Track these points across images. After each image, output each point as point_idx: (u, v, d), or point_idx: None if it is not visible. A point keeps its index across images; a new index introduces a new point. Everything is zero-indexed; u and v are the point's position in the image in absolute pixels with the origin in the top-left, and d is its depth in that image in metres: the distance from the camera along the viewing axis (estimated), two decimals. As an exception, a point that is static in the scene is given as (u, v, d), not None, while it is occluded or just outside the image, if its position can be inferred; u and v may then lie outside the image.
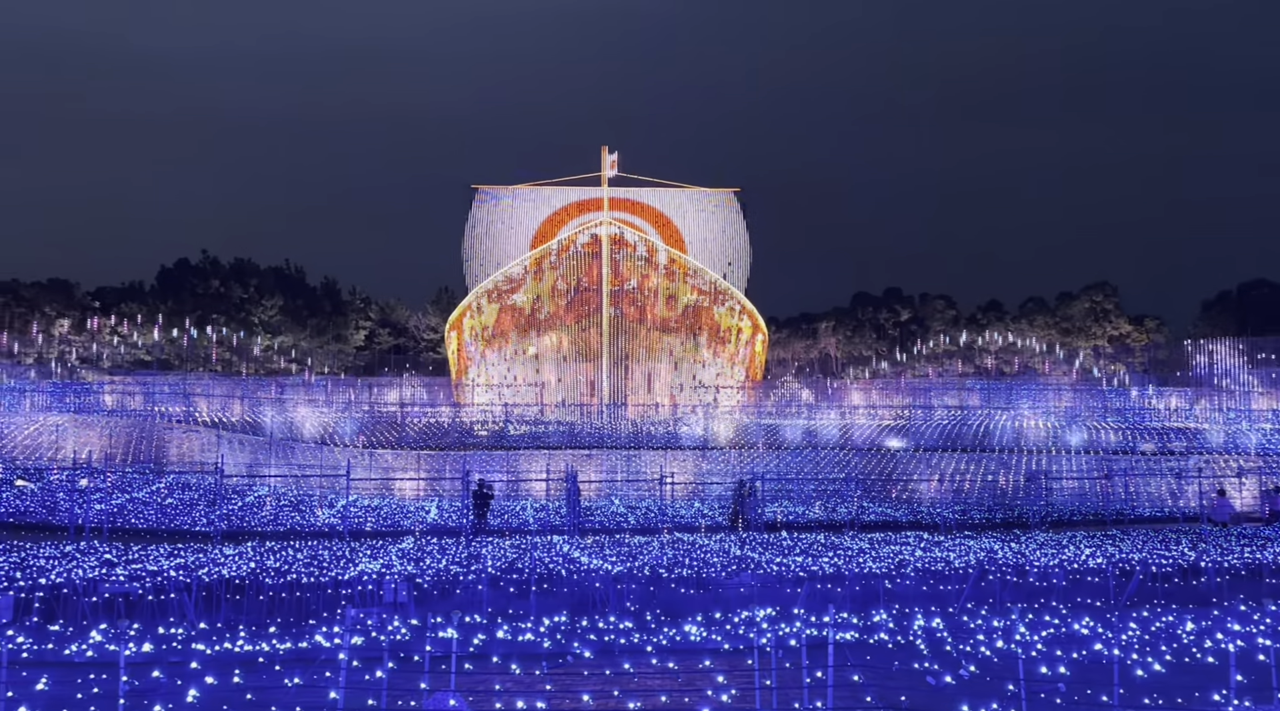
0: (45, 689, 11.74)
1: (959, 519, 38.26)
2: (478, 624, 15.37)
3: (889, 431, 52.94)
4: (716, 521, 38.31)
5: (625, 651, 13.95)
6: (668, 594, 22.14)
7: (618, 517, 39.77)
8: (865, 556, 25.72)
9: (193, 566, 23.80)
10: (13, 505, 36.66)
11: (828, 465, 47.76)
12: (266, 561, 25.27)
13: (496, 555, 27.24)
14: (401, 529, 36.62)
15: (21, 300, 72.52)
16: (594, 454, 51.64)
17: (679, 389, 64.72)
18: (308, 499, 42.56)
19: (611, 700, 12.17)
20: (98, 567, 24.25)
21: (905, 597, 20.97)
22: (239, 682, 12.01)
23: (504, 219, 72.23)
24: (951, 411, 57.60)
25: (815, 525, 36.98)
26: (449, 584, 23.53)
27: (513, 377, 65.65)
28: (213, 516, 35.31)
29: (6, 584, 21.88)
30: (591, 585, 22.48)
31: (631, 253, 66.79)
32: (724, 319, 66.35)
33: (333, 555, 27.06)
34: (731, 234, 72.17)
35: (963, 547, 27.80)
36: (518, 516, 39.99)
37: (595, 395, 64.57)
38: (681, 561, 25.47)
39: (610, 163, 69.12)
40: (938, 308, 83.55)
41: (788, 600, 20.09)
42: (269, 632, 14.69)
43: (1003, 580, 22.39)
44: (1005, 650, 12.84)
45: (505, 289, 67.12)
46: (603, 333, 65.32)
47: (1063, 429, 52.64)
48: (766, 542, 29.44)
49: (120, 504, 37.29)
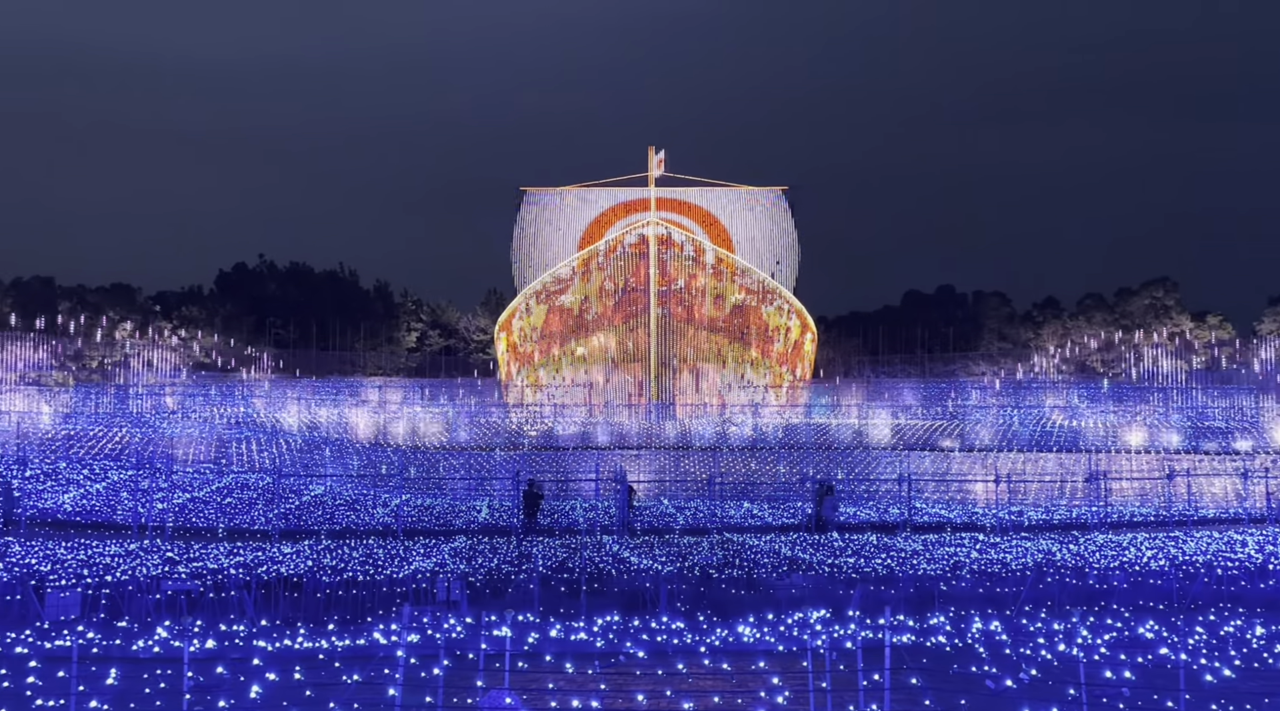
0: (114, 683, 12.09)
1: (1015, 520, 37.53)
2: (531, 623, 15.49)
3: (941, 431, 52.17)
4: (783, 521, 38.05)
5: (678, 652, 13.95)
6: (718, 594, 22.08)
7: (666, 517, 39.74)
8: (919, 558, 25.38)
9: (252, 564, 24.31)
10: (79, 504, 37.76)
11: (878, 465, 47.23)
12: (323, 559, 25.73)
13: (547, 554, 27.40)
14: (454, 528, 36.98)
15: (87, 305, 74.73)
16: (642, 454, 51.68)
17: (727, 389, 64.47)
18: (362, 498, 43.20)
19: (664, 700, 12.17)
20: (161, 565, 24.89)
21: (961, 600, 20.64)
22: (300, 679, 12.24)
23: (552, 220, 72.61)
24: (1007, 410, 56.60)
25: (867, 526, 36.58)
26: (501, 582, 23.75)
27: (561, 379, 66.01)
28: (271, 515, 36.01)
29: (74, 581, 22.56)
30: (642, 585, 22.51)
31: (679, 252, 66.71)
32: (772, 318, 65.94)
33: (387, 553, 27.45)
34: (779, 232, 71.68)
35: (1019, 549, 27.31)
36: (567, 516, 40.16)
37: (643, 395, 64.61)
38: (732, 562, 25.38)
39: (658, 162, 69.10)
40: (992, 305, 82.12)
41: (840, 601, 19.91)
42: (328, 630, 14.96)
43: (1061, 582, 21.94)
44: (1066, 653, 12.59)
45: (553, 290, 67.48)
46: (650, 333, 65.32)
47: (1122, 428, 51.43)
48: (818, 543, 29.21)
49: (182, 503, 38.20)
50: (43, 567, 24.04)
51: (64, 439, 48.30)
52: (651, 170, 69.40)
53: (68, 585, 22.09)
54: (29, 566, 24.01)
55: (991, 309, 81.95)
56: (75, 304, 74.38)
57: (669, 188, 70.97)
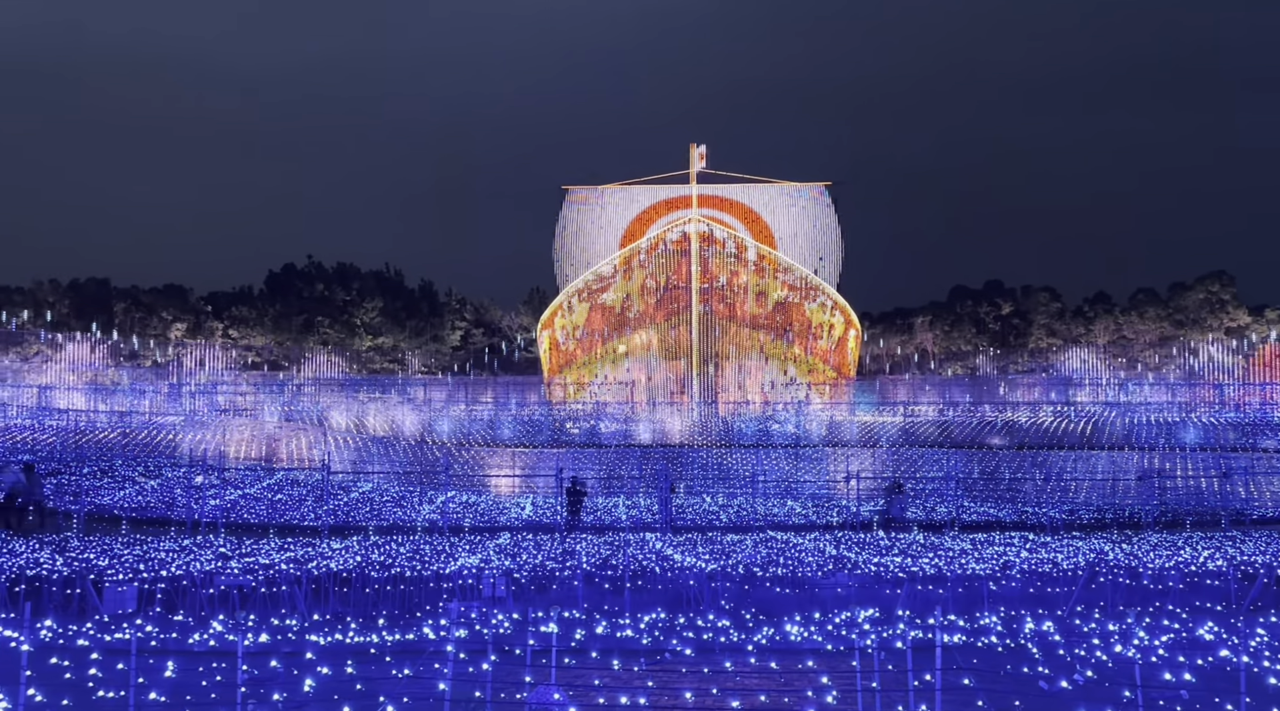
0: (172, 676, 12.38)
1: (1066, 519, 36.87)
2: (576, 619, 15.57)
3: (990, 428, 51.43)
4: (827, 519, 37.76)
5: (725, 650, 13.93)
6: (762, 592, 21.98)
7: (709, 515, 39.66)
8: (968, 557, 25.03)
9: (302, 560, 24.69)
10: (134, 501, 38.66)
11: (925, 463, 46.67)
12: (371, 555, 26.06)
13: (590, 551, 27.48)
14: (498, 525, 37.26)
15: (140, 305, 76.56)
16: (684, 451, 51.64)
17: (770, 386, 64.17)
18: (409, 495, 43.71)
19: (710, 698, 12.15)
20: (214, 561, 25.40)
21: (1011, 600, 20.33)
22: (352, 672, 12.43)
23: (593, 218, 72.86)
24: (1057, 407, 55.62)
25: (913, 524, 36.19)
26: (545, 579, 23.87)
27: (603, 376, 66.21)
28: (320, 511, 36.58)
29: (131, 575, 23.11)
30: (685, 582, 22.49)
31: (720, 249, 66.54)
32: (815, 315, 65.51)
33: (433, 550, 27.73)
34: (823, 228, 71.18)
35: (1071, 548, 26.80)
36: (610, 513, 40.25)
37: (685, 393, 64.57)
38: (775, 560, 25.24)
39: (699, 156, 68.98)
40: (1041, 300, 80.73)
41: (887, 601, 19.71)
42: (378, 625, 15.18)
43: (1114, 582, 21.50)
44: (1121, 655, 12.34)
45: (595, 288, 67.69)
46: (693, 330, 65.26)
47: (1177, 425, 50.28)
48: (863, 543, 28.96)
49: (234, 499, 38.96)
50: (100, 562, 24.64)
51: (120, 437, 49.53)
52: (693, 167, 69.33)
53: (124, 580, 22.63)
54: (87, 561, 24.63)
55: (1041, 304, 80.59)
56: (130, 304, 76.24)
57: (710, 184, 70.86)
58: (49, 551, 25.87)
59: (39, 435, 49.24)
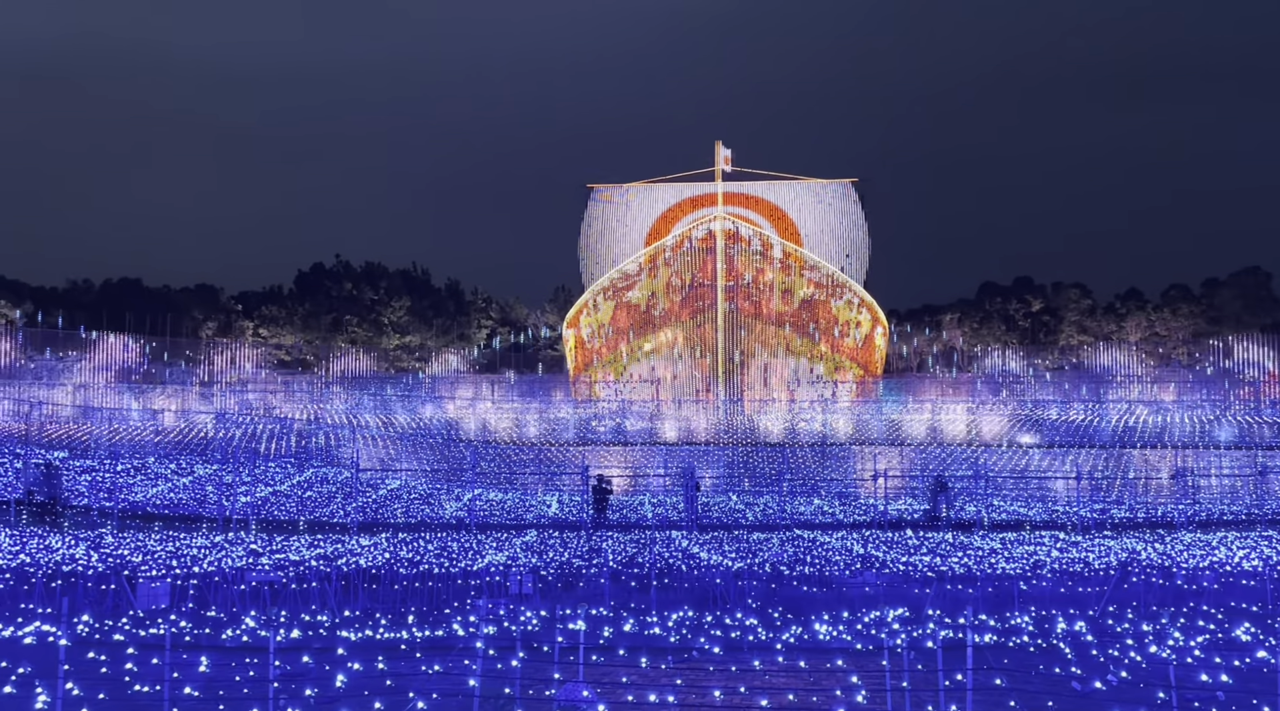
0: (206, 670, 12.52)
1: (1097, 518, 36.42)
2: (604, 617, 15.58)
3: (1020, 426, 50.89)
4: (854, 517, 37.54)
5: (753, 648, 13.88)
6: (789, 591, 21.90)
7: (735, 513, 39.58)
8: (997, 556, 24.82)
9: (332, 556, 24.91)
10: (167, 498, 39.19)
11: (954, 462, 46.26)
12: (400, 552, 26.25)
13: (616, 549, 27.51)
14: (524, 522, 37.40)
15: (172, 305, 77.50)
16: (710, 449, 51.53)
17: (796, 384, 63.93)
18: (436, 492, 43.97)
19: (738, 696, 12.12)
20: (245, 557, 25.69)
21: (1041, 599, 20.13)
22: (383, 668, 12.52)
23: (619, 217, 72.83)
24: (1088, 404, 54.91)
25: (943, 523, 35.90)
26: (572, 577, 23.94)
27: (628, 374, 66.25)
28: (349, 508, 36.89)
29: (164, 571, 23.41)
30: (712, 580, 22.45)
31: (746, 247, 66.35)
32: (842, 312, 65.15)
33: (461, 547, 27.88)
34: (849, 225, 70.71)
35: (1102, 548, 26.50)
36: (635, 511, 40.27)
37: (710, 391, 64.47)
38: (802, 558, 25.15)
39: (724, 157, 68.80)
40: (1072, 297, 79.70)
41: (915, 600, 19.57)
42: (408, 621, 15.28)
43: (1147, 582, 21.22)
44: (1156, 655, 12.15)
45: (621, 286, 67.72)
46: (718, 328, 65.12)
47: (1211, 423, 49.49)
48: (891, 541, 28.77)
49: (264, 496, 39.38)
50: (134, 558, 24.99)
51: (152, 434, 50.19)
52: (718, 165, 69.12)
53: (158, 575, 22.93)
54: (121, 557, 24.98)
55: (1071, 300, 79.56)
56: (162, 304, 77.19)
57: (736, 182, 70.61)
58: (84, 547, 26.27)
59: (74, 432, 50.02)
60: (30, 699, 11.41)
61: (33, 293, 76.15)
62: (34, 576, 22.87)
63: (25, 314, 72.78)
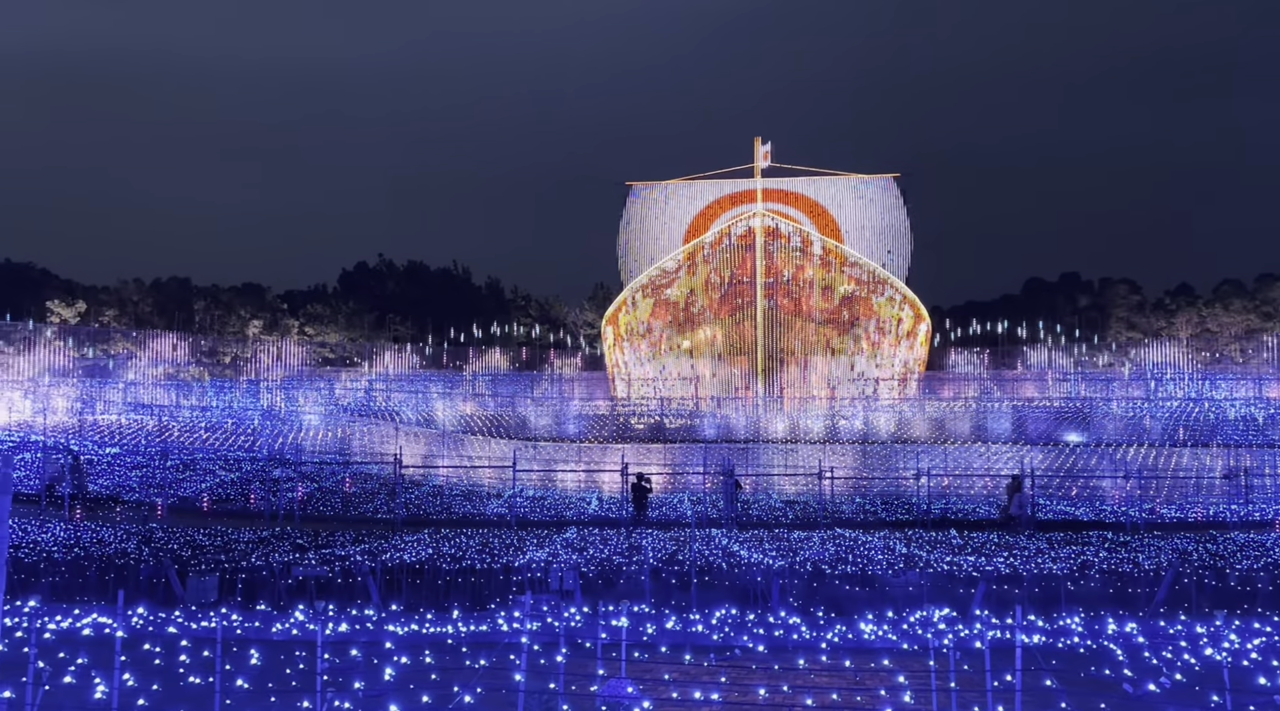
0: (257, 663, 12.77)
1: (1147, 518, 35.72)
2: (647, 614, 15.61)
3: (1067, 424, 50.05)
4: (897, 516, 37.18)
5: (797, 647, 13.84)
6: (831, 590, 21.77)
7: (775, 512, 39.40)
8: (1044, 556, 24.46)
9: (376, 551, 25.24)
10: (215, 493, 39.94)
11: (999, 460, 45.63)
12: (442, 548, 26.50)
13: (656, 547, 27.53)
14: (564, 519, 37.57)
15: (219, 303, 78.97)
16: (750, 447, 51.34)
17: (837, 381, 63.46)
18: (477, 489, 44.33)
19: (781, 695, 12.08)
20: (291, 552, 26.10)
21: (1089, 600, 19.81)
22: (430, 662, 12.68)
23: (657, 214, 72.84)
24: (1137, 402, 53.85)
25: (987, 523, 35.43)
26: (612, 573, 24.01)
27: (667, 372, 66.22)
28: (392, 505, 37.32)
29: (213, 566, 23.88)
30: (753, 579, 22.39)
31: (786, 244, 65.99)
32: (883, 309, 64.54)
33: (502, 543, 28.09)
34: (891, 221, 70.02)
35: (1152, 548, 25.99)
36: (675, 509, 40.26)
37: (750, 389, 64.23)
38: (844, 557, 24.97)
39: (764, 153, 68.48)
40: (1120, 292, 78.28)
41: (959, 600, 19.36)
42: (453, 616, 15.45)
43: (1199, 583, 20.79)
44: (1210, 658, 11.90)
45: (659, 283, 67.70)
46: (757, 325, 64.86)
47: (1265, 421, 48.31)
48: (934, 541, 28.46)
49: (309, 492, 39.99)
50: (184, 553, 25.51)
51: (201, 431, 51.19)
52: (757, 161, 68.84)
53: (206, 570, 23.40)
54: (171, 551, 25.51)
55: (1120, 296, 78.16)
56: (209, 302, 78.70)
57: (775, 178, 70.27)
58: (135, 542, 26.88)
59: (124, 430, 51.18)
60: (88, 689, 11.71)
61: (85, 291, 78.04)
62: (88, 569, 23.46)
63: (78, 312, 74.65)
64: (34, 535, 26.84)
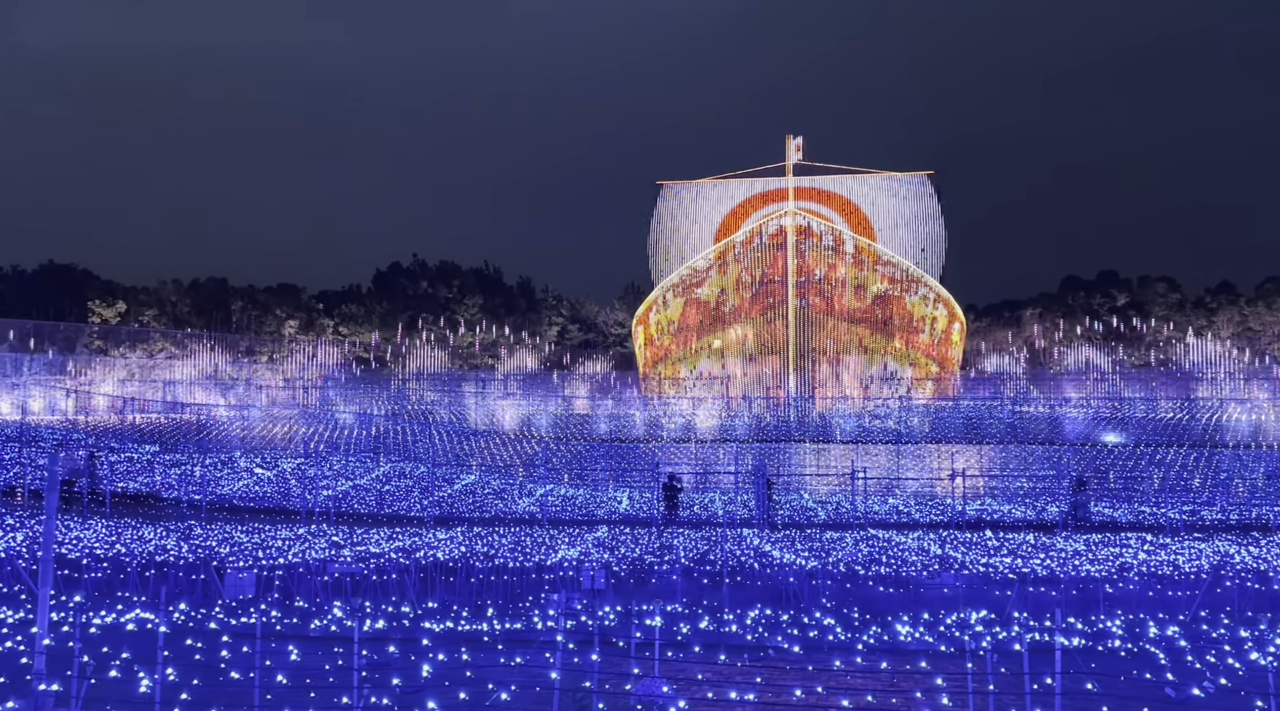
0: (297, 659, 12.93)
1: (1187, 520, 35.11)
2: (680, 613, 15.62)
3: (1105, 424, 49.32)
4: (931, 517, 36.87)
5: (832, 648, 13.76)
6: (865, 591, 21.62)
7: (807, 512, 39.21)
8: (1081, 558, 24.13)
9: (410, 549, 25.44)
10: (252, 491, 40.48)
11: (1035, 460, 45.08)
12: (475, 546, 26.67)
13: (688, 546, 27.50)
14: (595, 518, 37.64)
15: (256, 303, 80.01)
16: (781, 447, 51.15)
17: (869, 381, 63.04)
18: (509, 488, 44.56)
19: (815, 696, 12.02)
20: (327, 549, 26.39)
21: (1128, 603, 19.50)
22: (466, 659, 12.76)
23: (689, 213, 72.78)
24: (1177, 402, 52.94)
25: (1023, 524, 35.01)
26: (644, 573, 24.02)
27: (697, 371, 66.16)
28: (425, 503, 37.60)
29: (250, 562, 24.19)
30: (785, 579, 22.29)
31: (817, 242, 65.67)
32: (917, 307, 64.03)
33: (534, 542, 28.21)
34: (925, 218, 69.42)
35: (1193, 551, 25.55)
36: (706, 508, 40.19)
37: (781, 388, 63.99)
38: (878, 558, 24.80)
39: (795, 147, 68.17)
40: (1159, 291, 77.00)
41: (995, 602, 19.14)
42: (487, 614, 15.55)
43: (1241, 586, 20.39)
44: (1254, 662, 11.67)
45: (690, 282, 67.66)
46: (789, 324, 64.59)
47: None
48: (969, 543, 28.17)
49: (344, 490, 40.42)
50: (222, 550, 25.86)
51: (239, 429, 51.90)
52: (789, 159, 68.56)
53: (244, 566, 23.70)
54: (210, 548, 25.88)
55: (1158, 295, 76.89)
56: (246, 303, 79.75)
57: (808, 177, 69.94)
58: (174, 538, 27.30)
59: (163, 426, 52.01)
60: (132, 683, 11.91)
61: (125, 292, 79.40)
62: (129, 565, 23.86)
63: (119, 312, 76.00)
64: (75, 531, 27.36)
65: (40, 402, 57.27)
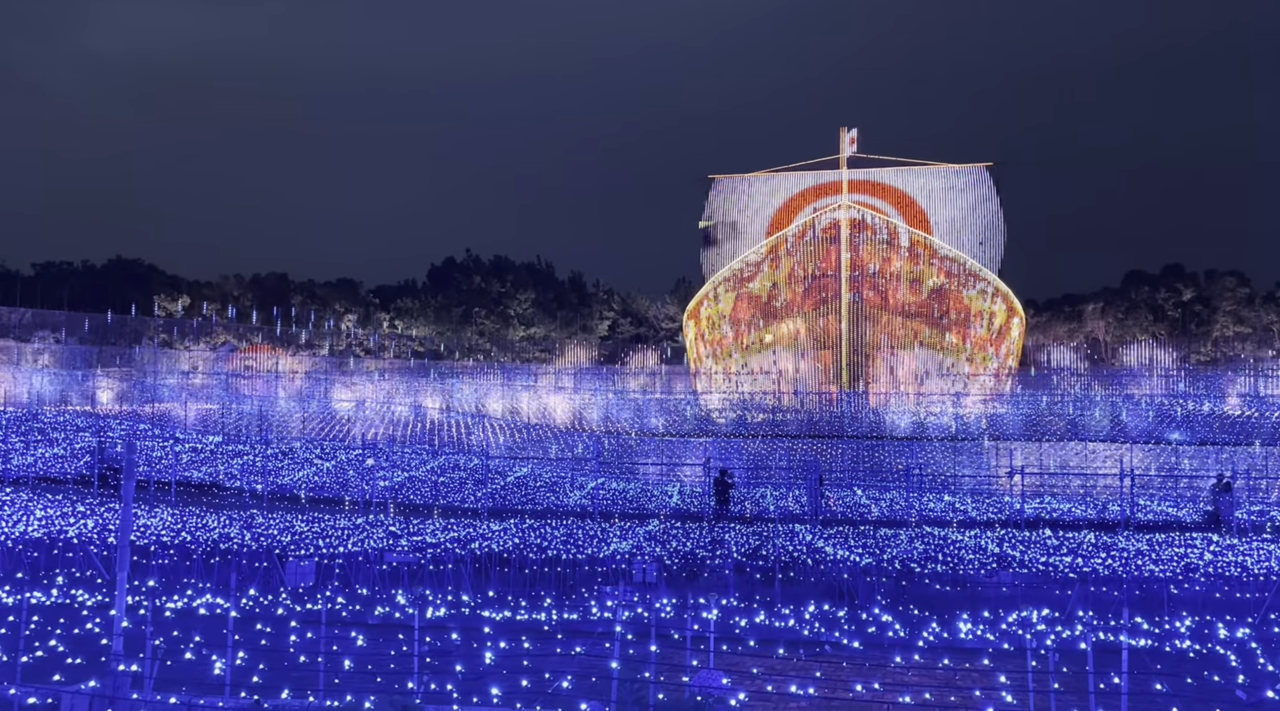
0: (363, 645, 13.24)
1: (1256, 521, 34.12)
2: (734, 607, 15.64)
3: (1170, 422, 48.04)
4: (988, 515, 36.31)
5: (892, 645, 13.68)
6: (921, 589, 21.42)
7: (860, 508, 38.88)
8: (1144, 558, 23.61)
9: (464, 539, 25.80)
10: (312, 481, 41.34)
11: (1096, 458, 44.12)
12: (529, 537, 26.95)
13: (739, 541, 27.48)
14: (646, 511, 37.76)
15: (316, 297, 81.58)
16: (834, 443, 50.74)
17: (925, 376, 62.19)
18: (560, 480, 44.89)
19: (872, 692, 11.96)
20: (385, 538, 26.88)
21: (1192, 604, 19.06)
22: (528, 648, 12.96)
23: (740, 207, 72.38)
24: (1245, 399, 51.37)
25: (1084, 523, 34.32)
26: (695, 566, 24.07)
27: (749, 366, 65.86)
28: (479, 494, 38.07)
29: (311, 551, 24.75)
30: (839, 575, 22.17)
31: (872, 236, 64.88)
32: (974, 302, 62.96)
33: (586, 534, 28.42)
34: (983, 211, 68.11)
35: (1262, 552, 24.85)
36: (757, 503, 40.07)
37: (834, 383, 63.43)
38: (934, 556, 24.53)
39: (849, 139, 67.39)
40: (1227, 285, 74.66)
41: (1055, 601, 18.84)
42: (544, 604, 15.74)
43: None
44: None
45: (742, 276, 67.34)
46: (842, 319, 63.99)
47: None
48: (1028, 541, 27.72)
49: (401, 481, 41.07)
50: (283, 538, 26.48)
51: (299, 420, 52.99)
52: (843, 151, 67.79)
53: (305, 555, 24.26)
54: (272, 537, 26.51)
55: (1226, 289, 74.55)
56: (306, 297, 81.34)
57: (862, 169, 69.10)
58: (238, 527, 28.02)
59: (225, 418, 53.32)
60: (204, 665, 12.29)
61: (189, 286, 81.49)
62: (194, 553, 24.56)
63: (183, 306, 78.08)
64: (143, 519, 28.21)
65: (109, 393, 59.09)
